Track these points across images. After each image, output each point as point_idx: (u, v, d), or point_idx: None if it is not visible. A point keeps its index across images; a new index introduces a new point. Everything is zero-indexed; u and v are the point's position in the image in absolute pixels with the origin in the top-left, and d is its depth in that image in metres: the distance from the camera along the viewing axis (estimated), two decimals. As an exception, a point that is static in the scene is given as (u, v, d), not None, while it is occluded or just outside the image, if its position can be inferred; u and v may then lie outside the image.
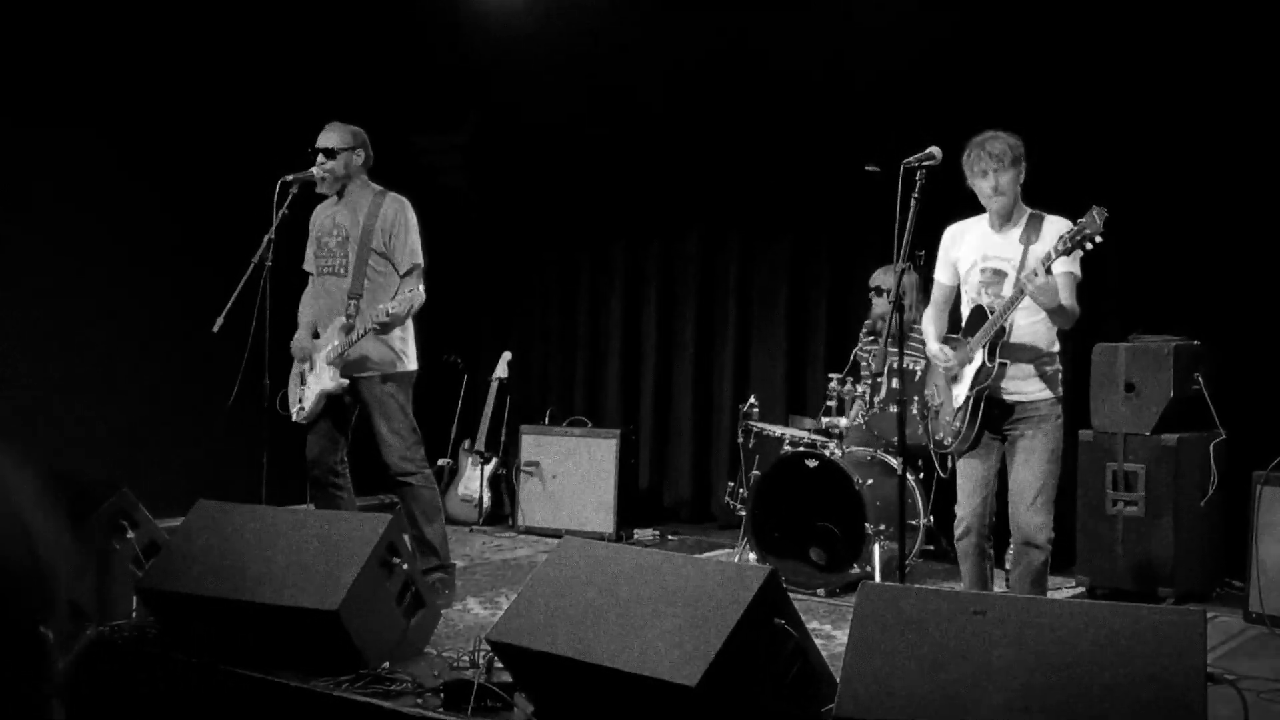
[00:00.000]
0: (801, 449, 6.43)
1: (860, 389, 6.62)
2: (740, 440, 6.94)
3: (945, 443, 4.92)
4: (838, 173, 7.62)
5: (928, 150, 4.52)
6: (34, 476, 1.21)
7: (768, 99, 8.15)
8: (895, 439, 5.04)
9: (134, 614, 4.95)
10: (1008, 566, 5.47)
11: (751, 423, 6.89)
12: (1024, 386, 4.78)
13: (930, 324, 5.09)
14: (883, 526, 6.03)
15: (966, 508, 4.88)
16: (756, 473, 6.58)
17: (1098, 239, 4.35)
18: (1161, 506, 6.01)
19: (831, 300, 8.11)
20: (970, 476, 4.89)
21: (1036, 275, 4.44)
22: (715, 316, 8.68)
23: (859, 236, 7.70)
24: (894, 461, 6.25)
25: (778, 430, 6.85)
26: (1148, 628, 3.17)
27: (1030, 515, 4.73)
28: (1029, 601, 3.58)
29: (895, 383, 5.74)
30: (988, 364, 4.71)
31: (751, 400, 7.03)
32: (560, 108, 8.91)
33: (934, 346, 4.96)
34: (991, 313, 4.73)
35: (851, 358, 6.94)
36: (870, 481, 6.12)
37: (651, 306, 8.92)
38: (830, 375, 6.86)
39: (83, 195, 7.50)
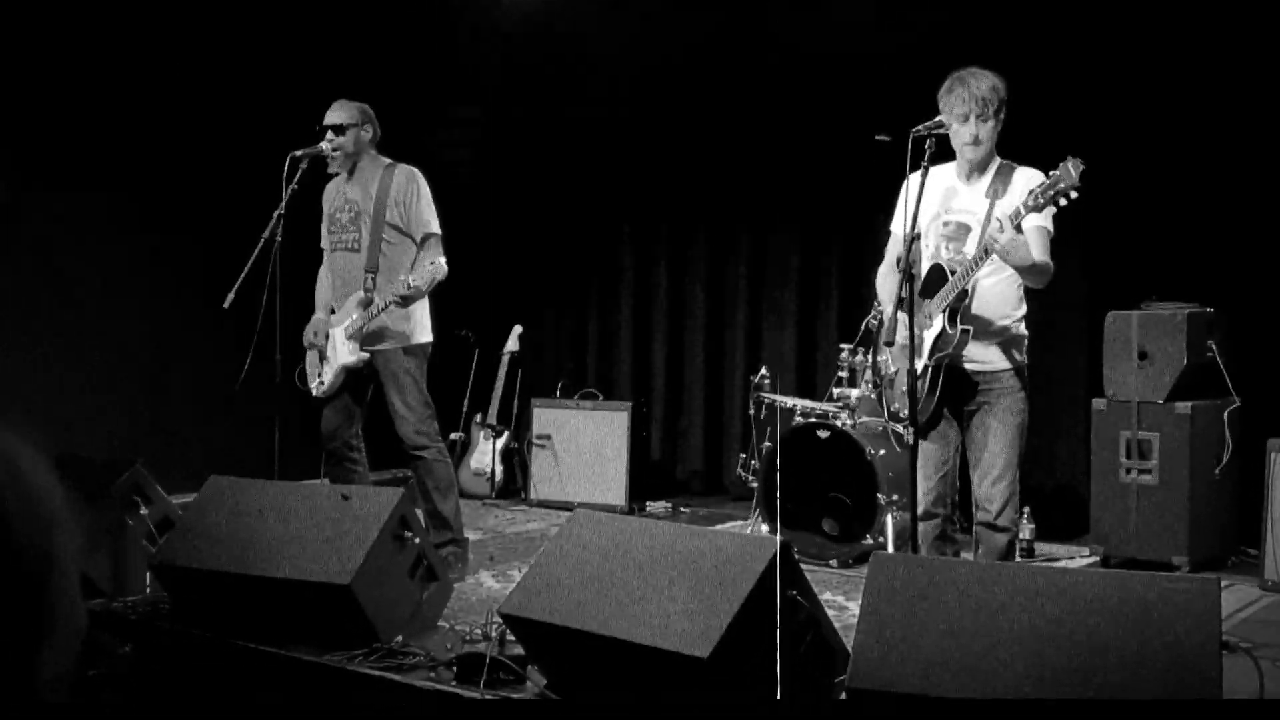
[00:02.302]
0: (813, 420, 6.42)
1: (871, 358, 6.59)
2: (752, 412, 6.93)
3: (901, 414, 4.47)
4: (849, 142, 7.58)
5: (937, 119, 4.30)
6: (39, 453, 1.20)
7: (778, 70, 8.11)
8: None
9: (148, 589, 4.98)
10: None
11: (763, 394, 6.88)
12: (986, 354, 4.42)
13: (884, 283, 4.72)
14: (895, 497, 6.01)
15: (923, 489, 4.50)
16: (768, 444, 6.57)
17: (1073, 194, 3.98)
18: (1176, 475, 5.99)
19: (843, 270, 8.07)
20: (928, 459, 4.51)
21: (1003, 230, 4.08)
22: (726, 288, 8.65)
23: (870, 206, 7.62)
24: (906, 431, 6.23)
25: (789, 401, 6.83)
26: (1162, 596, 3.15)
27: (993, 494, 4.38)
28: (1042, 570, 3.57)
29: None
30: (949, 330, 4.31)
31: (763, 371, 7.02)
32: (571, 80, 8.89)
33: (889, 313, 4.53)
34: (953, 273, 4.34)
35: (863, 327, 6.91)
36: (882, 452, 6.10)
37: (662, 278, 8.89)
38: (842, 346, 6.84)
39: (92, 172, 7.49)
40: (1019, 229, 4.13)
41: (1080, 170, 3.95)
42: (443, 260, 5.34)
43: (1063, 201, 4.03)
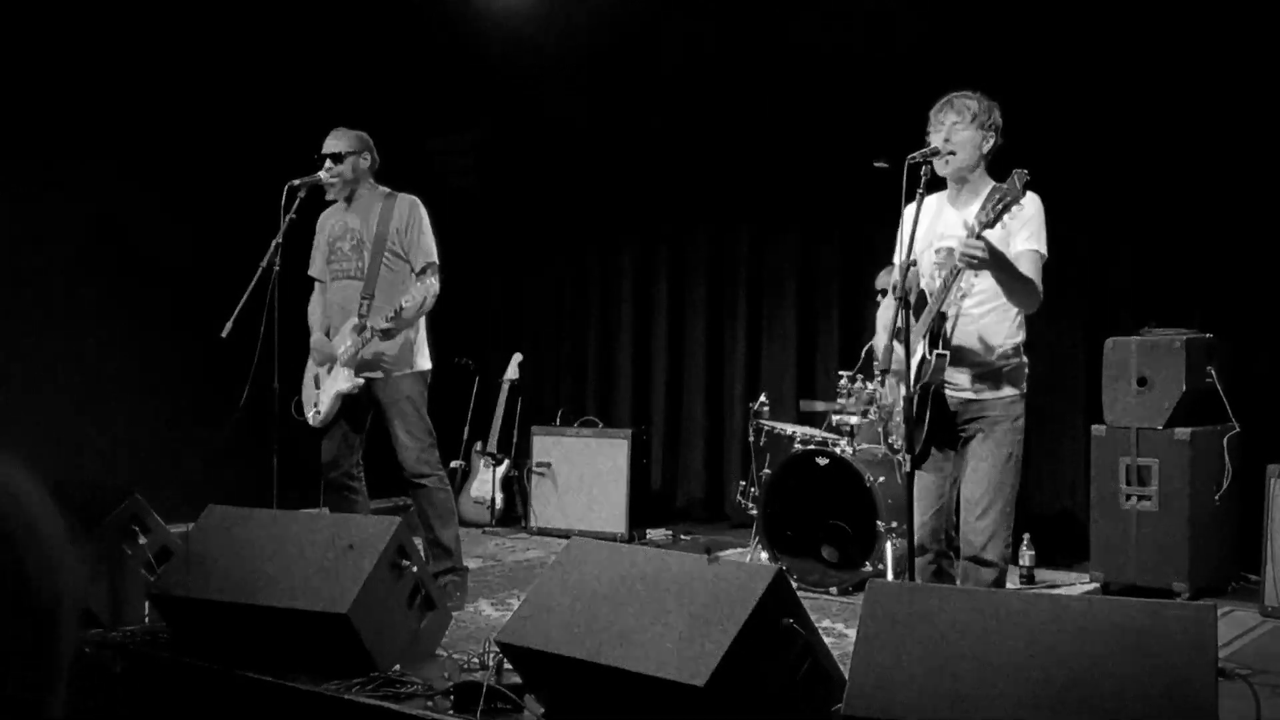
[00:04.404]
0: (812, 447, 6.41)
1: (871, 386, 6.59)
2: (751, 439, 6.94)
3: (895, 445, 4.41)
4: (847, 169, 7.61)
5: (932, 145, 4.27)
6: (41, 486, 1.21)
7: (776, 96, 8.15)
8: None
9: (146, 619, 4.97)
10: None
11: (762, 421, 6.88)
12: (976, 384, 4.31)
13: (882, 314, 4.67)
14: (895, 524, 6.00)
15: (918, 523, 4.29)
16: (767, 471, 6.57)
17: (1020, 204, 3.92)
18: (1175, 501, 5.98)
19: (842, 297, 8.10)
20: (924, 490, 4.35)
21: (972, 240, 3.97)
22: (725, 315, 8.68)
23: (869, 233, 7.65)
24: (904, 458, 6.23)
25: (789, 429, 6.84)
26: (1158, 623, 3.15)
27: (979, 528, 4.24)
28: (1037, 597, 3.57)
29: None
30: (927, 356, 4.20)
31: (762, 399, 7.03)
32: (569, 108, 8.93)
33: (883, 342, 4.51)
34: (932, 298, 4.27)
35: (862, 355, 6.92)
36: (882, 479, 6.09)
37: (662, 306, 8.92)
38: (841, 373, 6.84)
39: (90, 201, 7.53)
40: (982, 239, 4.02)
41: (1025, 181, 3.90)
42: (433, 280, 5.36)
43: (1011, 211, 3.96)
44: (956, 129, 4.31)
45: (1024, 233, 4.21)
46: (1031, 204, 4.21)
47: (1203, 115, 6.64)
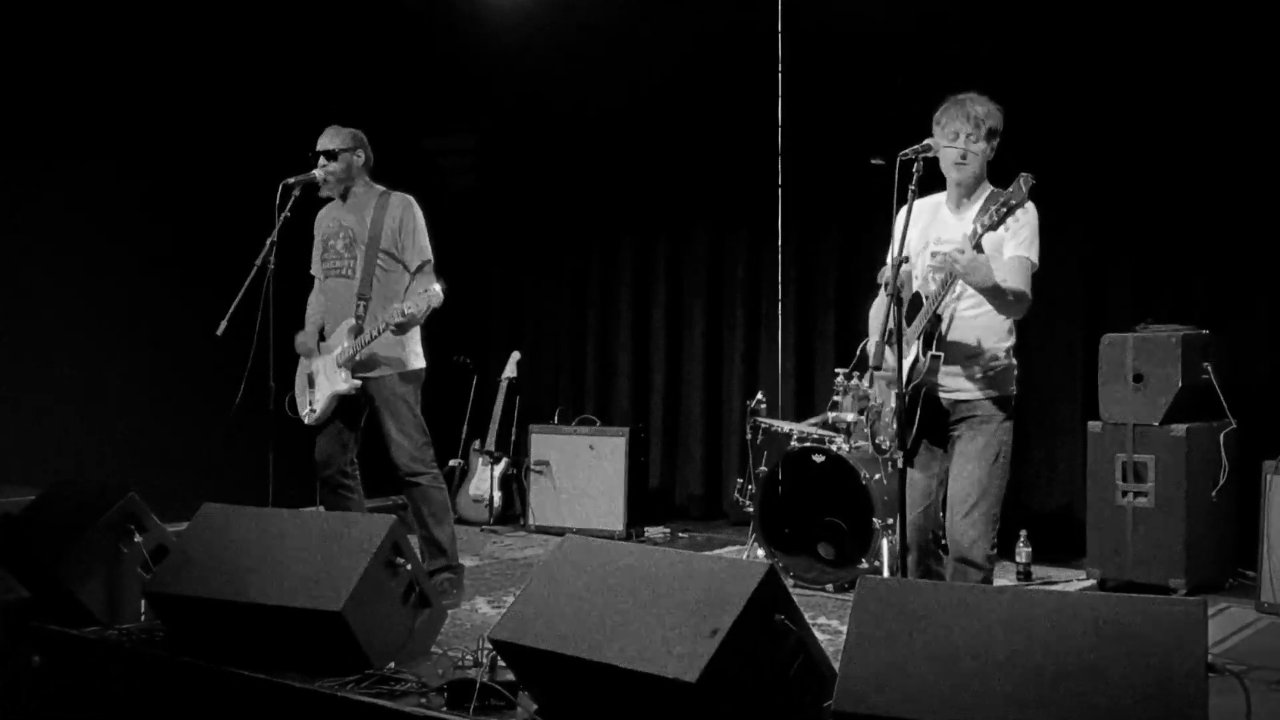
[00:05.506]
0: (809, 445, 6.42)
1: (866, 384, 6.57)
2: (749, 436, 6.94)
3: (883, 446, 4.44)
4: (844, 168, 7.60)
5: (924, 142, 4.25)
6: None
7: (773, 93, 8.14)
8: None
9: (143, 617, 4.97)
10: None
11: (760, 419, 6.88)
12: (965, 384, 4.34)
13: (874, 314, 4.66)
14: (890, 521, 6.00)
15: (907, 521, 4.29)
16: (764, 469, 6.57)
17: (1025, 207, 4.01)
18: (1172, 497, 5.98)
19: (839, 295, 8.09)
20: (913, 489, 4.34)
21: (963, 252, 4.04)
22: (724, 313, 8.68)
23: (866, 231, 7.66)
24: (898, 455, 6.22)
25: (786, 426, 6.84)
26: (1148, 619, 3.14)
27: (965, 528, 4.24)
28: (1027, 594, 3.57)
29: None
30: (921, 358, 4.23)
31: (759, 396, 7.03)
32: (567, 107, 8.93)
33: (875, 340, 4.50)
34: (927, 299, 4.30)
35: (859, 352, 6.91)
36: (878, 476, 6.10)
37: (660, 304, 8.92)
38: (837, 370, 6.84)
39: (86, 201, 7.55)
40: (979, 248, 4.09)
41: (1030, 185, 3.95)
42: (437, 287, 5.35)
43: (1017, 217, 4.02)
44: (971, 141, 4.32)
45: (1017, 239, 4.22)
46: (1027, 211, 4.19)
47: (1199, 113, 6.63)
